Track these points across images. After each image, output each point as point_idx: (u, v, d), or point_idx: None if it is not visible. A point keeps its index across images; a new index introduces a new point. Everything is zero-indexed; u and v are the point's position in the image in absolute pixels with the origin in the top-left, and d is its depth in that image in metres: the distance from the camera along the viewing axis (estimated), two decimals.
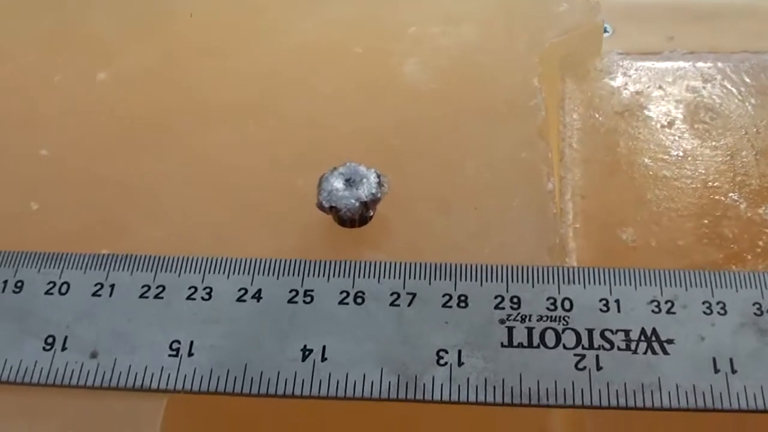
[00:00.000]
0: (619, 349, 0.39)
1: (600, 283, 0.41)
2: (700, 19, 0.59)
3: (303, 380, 0.39)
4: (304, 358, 0.39)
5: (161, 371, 0.39)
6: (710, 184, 0.47)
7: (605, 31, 0.57)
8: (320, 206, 0.43)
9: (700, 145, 0.48)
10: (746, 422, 0.39)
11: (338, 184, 0.43)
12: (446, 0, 0.56)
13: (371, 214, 0.43)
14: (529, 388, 0.38)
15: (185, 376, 0.39)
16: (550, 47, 0.52)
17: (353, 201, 0.42)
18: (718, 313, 0.40)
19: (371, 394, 0.38)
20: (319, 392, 0.38)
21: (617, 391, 0.38)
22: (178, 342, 0.40)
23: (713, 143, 0.48)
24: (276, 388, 0.39)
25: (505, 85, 0.50)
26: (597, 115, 0.50)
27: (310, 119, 0.50)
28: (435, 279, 0.41)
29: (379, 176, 0.43)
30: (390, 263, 0.41)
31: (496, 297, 0.41)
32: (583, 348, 0.39)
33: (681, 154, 0.48)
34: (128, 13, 0.57)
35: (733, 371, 0.39)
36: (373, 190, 0.42)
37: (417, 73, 0.51)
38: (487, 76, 0.51)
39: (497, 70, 0.51)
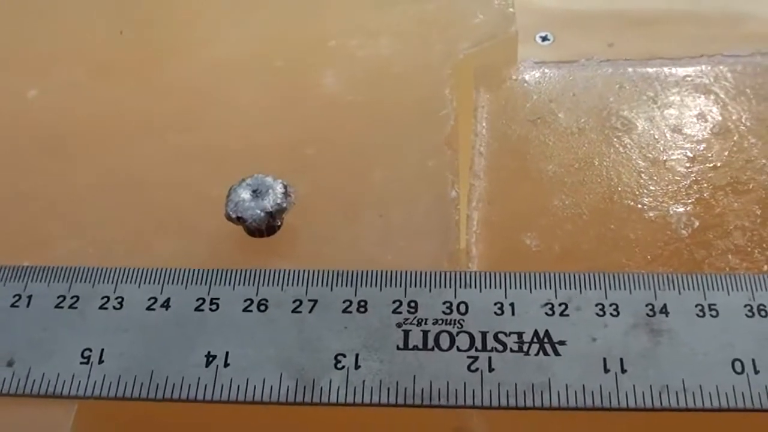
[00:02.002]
0: (511, 351, 0.41)
1: (496, 287, 0.42)
2: (640, 26, 0.60)
3: (206, 385, 0.40)
4: (207, 364, 0.40)
5: (72, 378, 0.41)
6: (617, 188, 0.48)
7: (546, 39, 0.58)
8: (228, 217, 0.44)
9: (608, 151, 0.50)
10: (636, 421, 0.39)
11: (245, 195, 0.44)
12: (366, 13, 0.58)
13: (279, 223, 0.45)
14: (422, 389, 0.39)
15: (95, 382, 0.40)
16: (465, 58, 0.54)
17: (259, 212, 0.44)
18: (611, 314, 0.41)
19: (270, 398, 0.40)
20: (220, 397, 0.40)
21: (507, 391, 0.39)
22: (90, 350, 0.41)
23: (622, 149, 0.49)
24: (180, 393, 0.40)
25: (417, 96, 0.52)
26: (509, 123, 0.51)
27: (227, 132, 0.52)
28: (336, 285, 0.43)
29: (285, 187, 0.44)
30: (293, 271, 0.43)
31: (394, 302, 0.42)
32: (476, 350, 0.41)
33: (589, 160, 0.49)
34: (60, 30, 0.58)
35: (623, 371, 0.40)
36: (279, 201, 0.44)
37: (334, 84, 0.53)
38: (400, 87, 0.53)
39: (411, 81, 0.53)
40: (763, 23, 0.58)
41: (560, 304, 0.42)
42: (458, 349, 0.41)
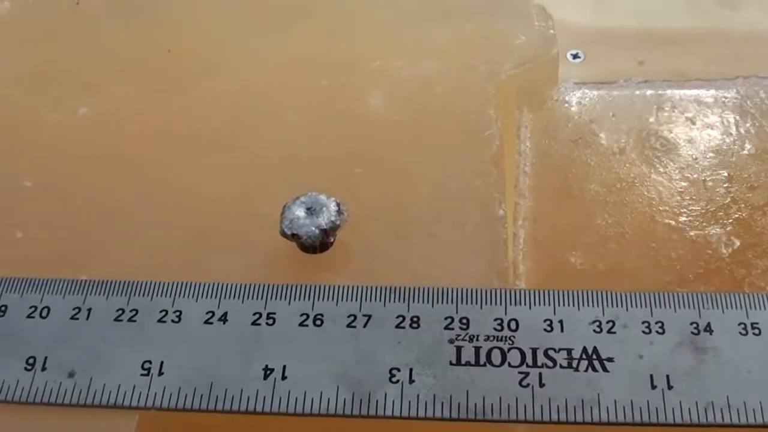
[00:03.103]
0: (561, 366, 0.41)
1: (545, 304, 0.43)
2: (670, 44, 0.61)
3: (264, 397, 0.41)
4: (265, 377, 0.41)
5: (133, 389, 0.42)
6: (658, 208, 0.49)
7: (577, 57, 0.59)
8: (283, 233, 0.45)
9: (649, 171, 0.51)
10: None
11: (300, 212, 0.45)
12: (409, 35, 0.59)
13: (332, 240, 0.46)
14: (475, 404, 0.40)
15: (155, 394, 0.41)
16: (507, 78, 0.55)
17: (314, 229, 0.45)
18: (657, 332, 0.42)
19: (327, 410, 0.41)
20: (279, 409, 0.41)
21: (558, 406, 0.40)
22: (150, 362, 0.42)
23: (662, 169, 0.50)
24: (239, 405, 0.41)
25: (462, 116, 0.53)
26: (551, 143, 0.52)
27: (276, 149, 0.53)
28: (389, 301, 0.44)
29: (338, 205, 0.45)
30: (347, 287, 0.44)
31: (446, 318, 0.43)
32: (527, 366, 0.42)
33: (631, 179, 0.50)
34: (109, 49, 0.60)
35: (670, 387, 0.41)
36: (333, 218, 0.45)
37: (379, 104, 0.54)
38: (445, 108, 0.54)
39: (455, 101, 0.54)
40: None
41: (607, 322, 0.43)
42: (510, 365, 0.42)
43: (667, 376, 0.41)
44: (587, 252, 0.47)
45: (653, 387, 0.41)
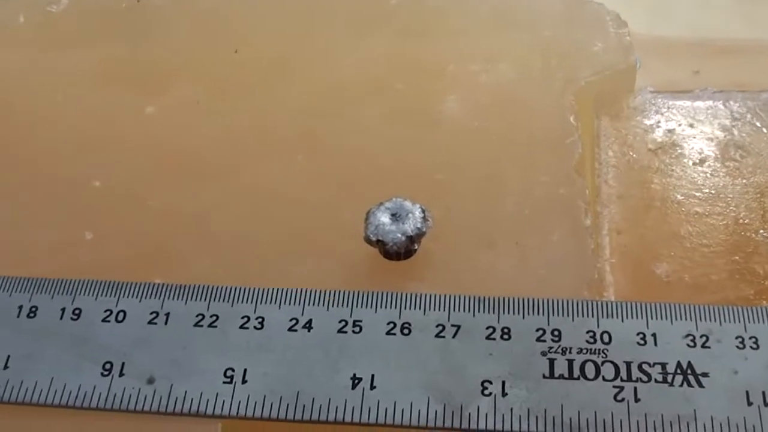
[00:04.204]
0: (656, 381, 0.41)
1: (637, 317, 0.43)
2: (726, 54, 0.61)
3: (353, 407, 0.40)
4: (354, 386, 0.41)
5: (216, 397, 0.41)
6: (741, 221, 0.48)
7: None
8: (368, 240, 0.44)
9: (731, 182, 0.50)
10: None
11: (385, 218, 0.44)
12: (484, 39, 0.58)
13: (416, 247, 0.45)
14: (570, 419, 0.40)
15: (239, 402, 0.41)
16: (586, 86, 0.54)
17: (399, 235, 0.44)
18: (751, 347, 0.42)
19: (418, 422, 0.40)
20: (368, 419, 0.40)
21: (654, 422, 0.40)
22: (232, 369, 0.41)
23: (743, 181, 0.50)
24: (327, 415, 0.40)
25: (542, 123, 0.52)
26: (631, 153, 0.52)
27: (354, 153, 0.52)
28: (478, 311, 0.43)
29: (424, 211, 0.45)
30: (435, 295, 0.43)
31: (537, 330, 0.42)
32: (622, 380, 0.41)
33: (712, 191, 0.49)
34: (174, 49, 0.59)
35: (766, 404, 0.40)
36: (419, 225, 0.44)
37: (456, 109, 0.53)
38: (524, 114, 0.53)
39: (534, 107, 0.53)
40: None
41: (701, 336, 0.42)
42: (604, 379, 0.41)
43: (763, 393, 0.40)
44: (672, 264, 0.47)
45: (749, 404, 0.40)
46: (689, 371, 0.41)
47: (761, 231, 0.47)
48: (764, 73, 0.58)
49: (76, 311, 0.44)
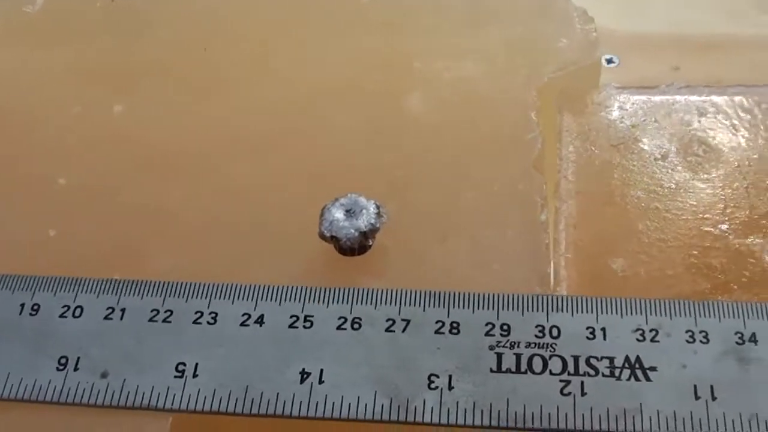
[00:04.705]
0: (603, 375, 0.41)
1: (587, 312, 0.43)
2: (706, 50, 0.60)
3: (301, 402, 0.41)
4: (302, 381, 0.41)
5: (167, 391, 0.41)
6: (700, 215, 0.48)
7: (611, 62, 0.58)
8: (322, 236, 0.45)
9: (691, 177, 0.50)
10: None
11: (339, 214, 0.44)
12: (452, 36, 0.58)
13: (371, 243, 0.45)
14: (515, 412, 0.40)
15: (189, 396, 0.41)
16: (549, 82, 0.54)
17: (353, 231, 0.44)
18: (701, 341, 0.42)
19: (365, 415, 0.40)
20: (315, 413, 0.40)
21: (600, 416, 0.40)
22: (184, 364, 0.42)
23: (705, 176, 0.50)
24: (275, 409, 0.40)
25: (503, 119, 0.52)
26: (593, 148, 0.52)
27: (317, 150, 0.52)
28: (429, 306, 0.43)
29: (378, 207, 0.45)
30: (386, 290, 0.43)
31: (486, 324, 0.43)
32: (569, 374, 0.41)
33: (673, 186, 0.50)
34: (146, 47, 0.59)
35: (713, 398, 0.40)
36: (372, 221, 0.44)
37: (420, 106, 0.53)
38: (486, 110, 0.53)
39: (497, 104, 0.53)
40: None
41: (651, 330, 0.42)
42: (551, 373, 0.41)
43: (711, 387, 0.40)
44: (629, 258, 0.47)
45: (697, 398, 0.40)
46: (637, 365, 0.41)
47: (720, 225, 0.47)
48: (745, 68, 0.58)
49: (35, 307, 0.45)
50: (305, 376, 0.41)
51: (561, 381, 0.41)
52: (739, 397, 0.40)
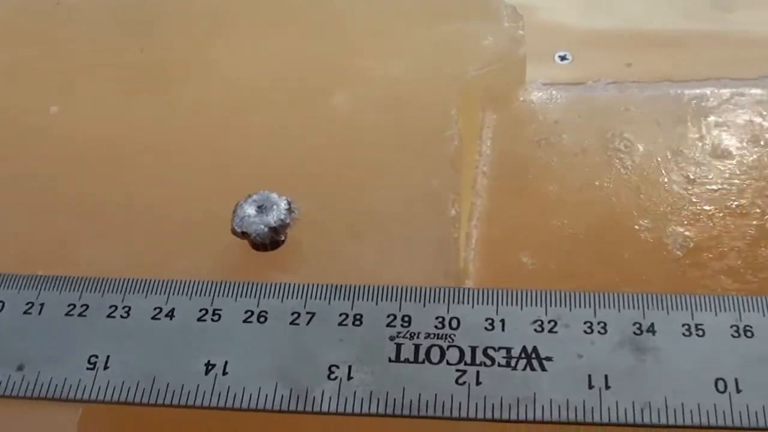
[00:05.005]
0: (499, 365, 0.42)
1: (488, 304, 0.44)
2: (660, 46, 0.61)
3: (204, 392, 0.42)
4: (207, 372, 0.42)
5: (78, 383, 0.42)
6: (614, 209, 0.49)
7: (564, 58, 0.59)
8: (234, 232, 0.46)
9: (609, 172, 0.51)
10: None
11: (250, 210, 0.46)
12: (376, 34, 0.60)
13: (282, 239, 0.46)
14: (411, 401, 0.41)
15: (99, 387, 0.42)
16: (473, 79, 0.55)
17: (263, 227, 0.45)
18: (599, 332, 0.43)
19: (265, 406, 0.41)
20: (218, 404, 0.41)
21: (493, 404, 0.41)
22: (96, 356, 0.43)
23: (623, 171, 0.50)
24: (180, 399, 0.42)
25: (424, 117, 0.53)
26: (513, 144, 0.53)
27: (240, 150, 0.53)
28: (334, 299, 0.44)
29: (289, 203, 0.46)
30: (293, 285, 0.45)
31: (389, 316, 0.43)
32: (465, 364, 0.42)
33: (590, 180, 0.50)
34: (84, 49, 0.61)
35: (607, 387, 0.41)
36: (282, 216, 0.45)
37: (346, 105, 0.55)
38: (409, 109, 0.54)
39: (420, 102, 0.54)
40: None
41: (549, 321, 0.43)
42: (448, 363, 0.42)
43: (606, 376, 0.41)
44: (539, 252, 0.48)
45: (590, 386, 0.41)
46: (533, 355, 0.42)
47: (636, 219, 0.48)
48: (697, 64, 0.58)
49: None
50: (210, 367, 0.42)
51: (457, 371, 0.42)
52: (633, 386, 0.41)
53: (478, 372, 0.42)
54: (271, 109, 0.56)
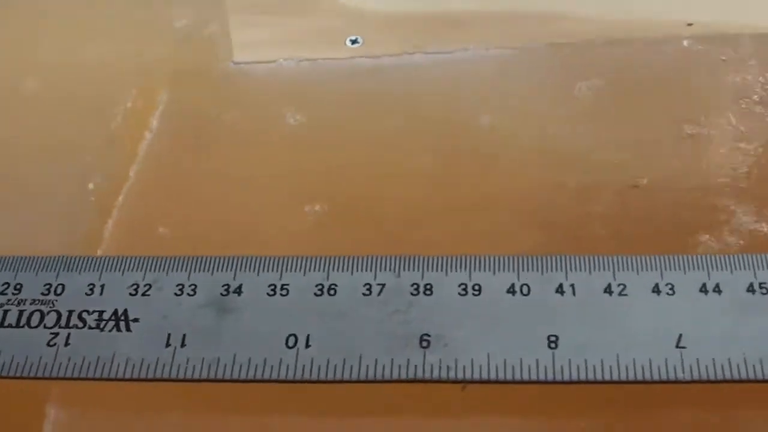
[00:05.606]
0: (89, 327, 0.46)
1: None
2: (452, 28, 0.63)
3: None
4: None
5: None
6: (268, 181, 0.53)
7: (356, 42, 0.62)
8: None
9: (277, 146, 0.55)
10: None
11: None
12: (76, 15, 0.64)
13: None
14: (4, 363, 0.45)
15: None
16: (158, 60, 0.60)
17: None
18: (188, 294, 0.47)
19: None
20: None
21: (75, 364, 0.44)
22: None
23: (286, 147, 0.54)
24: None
25: (101, 96, 0.58)
26: (194, 122, 0.57)
27: None
28: None
29: None
30: None
31: (3, 284, 0.48)
32: (60, 327, 0.46)
33: (258, 156, 0.55)
34: None
35: (183, 345, 0.45)
36: None
37: (39, 90, 0.59)
38: (93, 88, 0.59)
39: (97, 81, 0.59)
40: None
41: (145, 285, 0.47)
42: (45, 327, 0.46)
43: (184, 335, 0.45)
44: (177, 224, 0.52)
45: (167, 345, 0.45)
46: (122, 317, 0.46)
47: (274, 193, 0.52)
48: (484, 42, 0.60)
49: None
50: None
51: (51, 333, 0.46)
52: (210, 345, 0.45)
53: (69, 334, 0.46)
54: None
